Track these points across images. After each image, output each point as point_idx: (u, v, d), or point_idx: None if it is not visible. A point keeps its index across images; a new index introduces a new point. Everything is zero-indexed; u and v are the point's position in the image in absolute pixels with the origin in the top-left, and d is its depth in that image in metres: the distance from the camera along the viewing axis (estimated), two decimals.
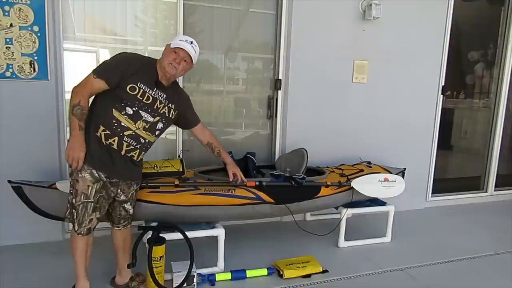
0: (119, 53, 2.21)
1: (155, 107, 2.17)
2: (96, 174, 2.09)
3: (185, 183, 2.68)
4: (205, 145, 2.61)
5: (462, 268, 2.94)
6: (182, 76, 3.29)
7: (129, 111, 2.09)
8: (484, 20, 4.68)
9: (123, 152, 2.14)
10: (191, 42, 2.19)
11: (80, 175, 2.08)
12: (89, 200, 2.09)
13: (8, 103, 2.81)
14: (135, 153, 2.19)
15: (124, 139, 2.11)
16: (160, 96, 2.20)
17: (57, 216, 2.51)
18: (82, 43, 3.10)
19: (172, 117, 2.31)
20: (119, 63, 2.13)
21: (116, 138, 2.10)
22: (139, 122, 2.13)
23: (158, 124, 2.22)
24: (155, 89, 2.17)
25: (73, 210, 2.12)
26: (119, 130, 2.09)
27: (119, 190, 2.23)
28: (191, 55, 2.20)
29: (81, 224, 2.11)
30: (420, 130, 4.19)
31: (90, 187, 2.09)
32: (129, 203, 2.31)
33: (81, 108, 2.03)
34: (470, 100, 4.85)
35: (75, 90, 2.06)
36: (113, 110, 2.07)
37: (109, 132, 2.09)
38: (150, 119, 2.17)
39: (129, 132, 2.12)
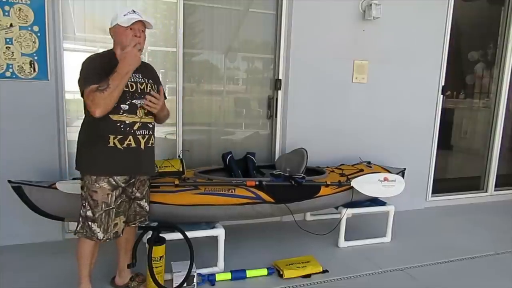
0: (83, 62, 2.11)
1: (139, 90, 2.14)
2: (114, 182, 2.10)
3: (185, 182, 2.68)
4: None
5: (462, 268, 2.94)
6: (182, 76, 3.30)
7: (124, 107, 2.08)
8: (484, 20, 4.68)
9: (143, 146, 2.15)
10: (134, 11, 2.13)
11: (97, 185, 2.07)
12: (111, 207, 2.11)
13: (8, 103, 2.81)
14: (152, 139, 2.23)
15: (137, 133, 2.13)
16: (137, 77, 2.15)
17: (57, 216, 2.51)
18: (82, 43, 3.09)
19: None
20: (93, 67, 2.06)
21: (131, 137, 2.11)
22: (138, 111, 2.12)
23: None
24: None
25: (89, 223, 2.09)
26: (128, 129, 2.09)
27: (134, 188, 2.25)
28: (143, 21, 2.13)
29: (106, 230, 2.12)
30: (420, 130, 4.19)
31: (110, 195, 2.10)
32: (144, 200, 2.33)
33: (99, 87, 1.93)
34: (470, 100, 4.85)
35: (88, 97, 1.97)
36: (110, 116, 2.04)
37: (121, 136, 2.08)
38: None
39: (137, 125, 2.12)
